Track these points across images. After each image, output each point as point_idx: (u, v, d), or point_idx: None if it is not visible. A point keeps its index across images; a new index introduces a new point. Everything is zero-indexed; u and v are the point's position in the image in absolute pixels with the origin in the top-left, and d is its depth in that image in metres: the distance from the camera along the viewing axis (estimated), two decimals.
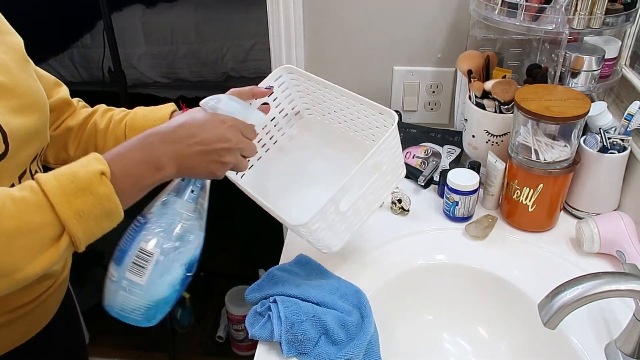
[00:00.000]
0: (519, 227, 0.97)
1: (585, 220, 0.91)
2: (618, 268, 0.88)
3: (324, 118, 0.95)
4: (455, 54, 1.14)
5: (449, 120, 1.34)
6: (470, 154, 1.09)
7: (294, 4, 1.22)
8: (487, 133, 1.02)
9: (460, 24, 1.21)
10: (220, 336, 2.00)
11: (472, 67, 1.04)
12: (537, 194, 0.92)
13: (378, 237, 0.96)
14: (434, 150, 1.17)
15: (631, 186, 0.95)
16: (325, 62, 1.31)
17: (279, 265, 0.89)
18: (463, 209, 0.97)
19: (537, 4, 0.96)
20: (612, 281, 0.62)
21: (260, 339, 0.76)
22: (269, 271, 0.86)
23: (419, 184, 1.08)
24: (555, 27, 0.95)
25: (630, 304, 0.77)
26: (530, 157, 0.91)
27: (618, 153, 0.92)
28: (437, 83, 1.30)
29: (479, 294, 0.89)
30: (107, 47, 1.68)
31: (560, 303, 0.61)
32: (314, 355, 0.73)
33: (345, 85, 0.88)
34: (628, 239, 0.86)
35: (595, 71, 0.99)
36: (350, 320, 0.75)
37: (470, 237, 0.95)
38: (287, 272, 0.86)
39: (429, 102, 1.33)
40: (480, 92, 1.00)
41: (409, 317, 0.89)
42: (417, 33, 1.24)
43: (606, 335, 0.76)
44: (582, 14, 0.94)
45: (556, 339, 0.77)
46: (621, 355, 0.70)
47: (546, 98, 0.89)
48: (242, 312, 1.88)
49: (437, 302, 0.90)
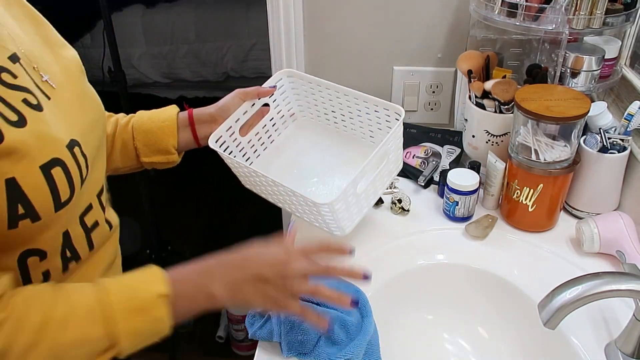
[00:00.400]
0: (519, 227, 0.97)
1: (585, 220, 0.91)
2: (618, 268, 0.88)
3: (319, 119, 0.99)
4: (455, 54, 1.14)
5: (449, 120, 1.34)
6: (470, 154, 1.09)
7: (294, 4, 1.22)
8: (487, 133, 1.02)
9: (460, 24, 1.21)
10: (220, 336, 2.00)
11: (472, 67, 1.04)
12: (537, 194, 0.92)
13: (378, 237, 0.96)
14: (434, 150, 1.17)
15: (631, 186, 0.95)
16: (325, 62, 1.31)
17: None
18: (463, 209, 0.97)
19: (537, 4, 0.96)
20: (612, 281, 0.62)
21: (260, 339, 0.76)
22: None
23: (419, 184, 1.08)
24: (555, 27, 0.95)
25: (630, 304, 0.77)
26: (530, 157, 0.91)
27: (618, 153, 0.92)
28: (437, 83, 1.30)
29: (479, 294, 0.89)
30: (107, 47, 1.68)
31: (560, 303, 0.61)
32: (314, 355, 0.73)
33: (345, 85, 0.89)
34: (628, 239, 0.86)
35: (595, 71, 0.99)
36: (350, 320, 0.76)
37: (470, 237, 0.95)
38: None
39: (429, 102, 1.33)
40: (480, 92, 1.00)
41: (409, 317, 0.89)
42: (417, 33, 1.24)
43: (606, 335, 0.76)
44: (582, 14, 0.94)
45: (556, 339, 0.77)
46: (621, 355, 0.70)
47: (546, 98, 0.89)
48: (242, 312, 1.88)
49: (437, 302, 0.90)
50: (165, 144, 0.85)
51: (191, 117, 0.87)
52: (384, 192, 1.06)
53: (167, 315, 0.58)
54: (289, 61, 1.29)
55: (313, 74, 0.94)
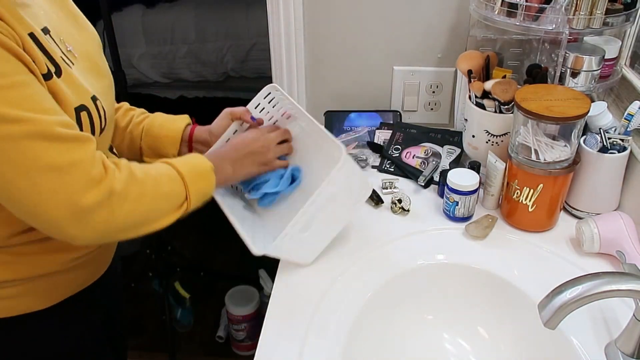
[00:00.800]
0: (519, 227, 0.97)
1: (585, 220, 0.91)
2: (618, 268, 0.88)
3: (302, 128, 1.00)
4: (455, 54, 1.14)
5: (449, 120, 1.34)
6: (470, 154, 1.09)
7: (294, 4, 1.22)
8: (487, 133, 1.02)
9: (460, 24, 1.21)
10: (220, 336, 2.00)
11: (472, 67, 1.04)
12: (537, 194, 0.92)
13: (378, 237, 0.96)
14: (433, 150, 1.17)
15: (631, 186, 0.95)
16: (325, 62, 1.31)
17: None
18: (463, 209, 0.97)
19: (537, 4, 0.96)
20: (612, 281, 0.62)
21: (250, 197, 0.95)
22: None
23: (419, 184, 1.08)
24: (555, 27, 0.95)
25: (630, 304, 0.77)
26: (530, 157, 0.91)
27: (618, 153, 0.92)
28: (437, 83, 1.30)
29: (479, 294, 0.89)
30: (107, 47, 1.68)
31: (560, 303, 0.61)
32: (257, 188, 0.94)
33: (345, 84, 0.89)
34: (628, 239, 0.86)
35: (595, 71, 0.99)
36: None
37: (470, 237, 0.95)
38: None
39: (429, 102, 1.33)
40: (480, 92, 1.00)
41: (409, 317, 0.89)
42: (417, 33, 1.24)
43: (606, 335, 0.76)
44: (582, 14, 0.94)
45: (556, 339, 0.77)
46: (621, 355, 0.70)
47: (546, 98, 0.89)
48: (242, 312, 1.88)
49: (437, 302, 0.90)
50: (166, 152, 0.96)
51: (191, 136, 0.98)
52: (385, 192, 1.06)
53: (215, 181, 0.81)
54: (289, 61, 1.29)
55: (313, 74, 0.94)
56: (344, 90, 1.34)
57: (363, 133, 1.25)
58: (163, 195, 0.73)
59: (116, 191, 0.67)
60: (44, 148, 0.62)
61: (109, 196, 0.66)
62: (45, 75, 0.66)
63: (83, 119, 0.71)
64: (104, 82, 0.82)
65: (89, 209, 0.64)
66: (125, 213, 0.68)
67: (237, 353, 1.98)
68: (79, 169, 0.64)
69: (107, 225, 0.67)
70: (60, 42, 0.74)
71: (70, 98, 0.69)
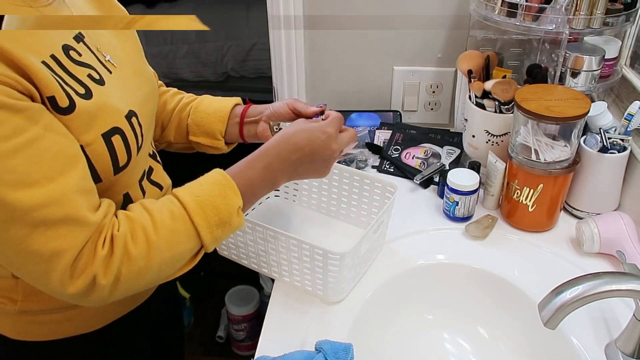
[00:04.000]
0: (519, 227, 0.97)
1: (585, 220, 0.91)
2: (618, 268, 0.88)
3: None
4: (455, 54, 1.14)
5: (449, 120, 1.35)
6: (471, 154, 1.09)
7: (294, 4, 1.22)
8: (487, 133, 1.02)
9: (460, 24, 1.21)
10: (220, 336, 2.00)
11: (472, 67, 1.04)
12: (537, 194, 0.92)
13: None
14: (433, 151, 1.17)
15: (631, 186, 0.95)
16: (326, 62, 1.31)
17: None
18: (463, 209, 0.97)
19: (537, 4, 0.96)
20: (612, 281, 0.62)
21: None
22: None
23: (415, 182, 1.08)
24: (555, 27, 0.95)
25: (630, 304, 0.77)
26: (530, 157, 0.91)
27: (618, 153, 0.92)
28: (437, 83, 1.30)
29: (478, 294, 0.89)
30: None
31: (560, 303, 0.61)
32: None
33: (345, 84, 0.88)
34: (628, 239, 0.86)
35: (596, 71, 0.99)
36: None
37: (470, 237, 0.95)
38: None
39: (429, 102, 1.33)
40: (480, 92, 1.00)
41: (409, 317, 0.89)
42: (417, 33, 1.24)
43: (606, 335, 0.76)
44: (582, 14, 0.94)
45: (556, 339, 0.77)
46: (621, 355, 0.70)
47: (546, 98, 0.89)
48: (242, 312, 1.88)
49: (437, 302, 0.90)
50: (213, 128, 0.91)
51: (243, 113, 0.91)
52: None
53: (242, 220, 0.70)
54: (289, 61, 1.29)
55: (313, 75, 0.94)
56: (344, 90, 1.34)
57: (363, 133, 1.25)
58: (174, 257, 0.65)
59: (103, 280, 0.60)
60: (27, 233, 0.56)
61: (94, 284, 0.60)
62: (65, 110, 0.60)
63: (116, 144, 0.66)
64: (145, 89, 0.77)
65: (78, 296, 0.60)
66: (123, 290, 0.62)
67: (237, 353, 1.98)
68: (63, 259, 0.58)
69: (109, 299, 0.62)
70: (97, 51, 0.70)
71: (97, 123, 0.64)
